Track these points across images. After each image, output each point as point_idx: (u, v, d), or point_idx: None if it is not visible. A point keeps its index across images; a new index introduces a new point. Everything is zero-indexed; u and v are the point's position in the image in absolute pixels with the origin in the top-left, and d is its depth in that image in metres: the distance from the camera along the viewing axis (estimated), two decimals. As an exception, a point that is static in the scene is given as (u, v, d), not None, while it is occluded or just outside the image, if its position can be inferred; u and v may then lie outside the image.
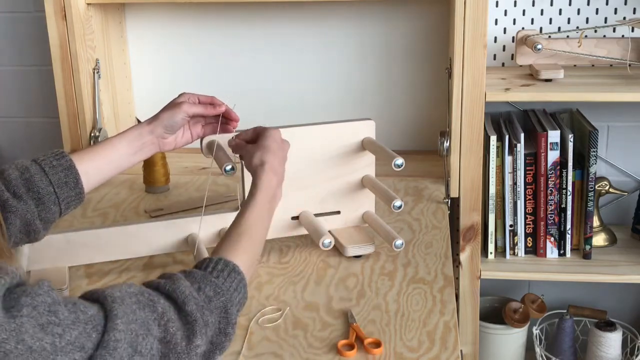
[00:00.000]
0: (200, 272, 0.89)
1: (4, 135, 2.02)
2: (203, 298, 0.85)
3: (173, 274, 0.87)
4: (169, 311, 0.81)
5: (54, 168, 1.08)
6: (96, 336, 0.73)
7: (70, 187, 1.09)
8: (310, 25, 1.83)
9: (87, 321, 0.73)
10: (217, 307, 0.86)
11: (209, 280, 0.88)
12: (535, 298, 1.87)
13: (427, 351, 1.04)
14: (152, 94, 1.92)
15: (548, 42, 1.67)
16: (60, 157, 1.10)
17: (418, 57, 1.82)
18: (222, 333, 0.86)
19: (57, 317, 0.70)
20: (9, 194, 1.04)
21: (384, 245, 1.33)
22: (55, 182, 1.08)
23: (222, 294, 0.87)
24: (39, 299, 0.70)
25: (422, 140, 1.87)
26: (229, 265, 0.91)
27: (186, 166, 1.80)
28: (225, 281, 0.89)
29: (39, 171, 1.07)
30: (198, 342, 0.81)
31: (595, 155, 1.63)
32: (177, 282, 0.85)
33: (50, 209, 1.08)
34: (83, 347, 0.71)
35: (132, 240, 1.27)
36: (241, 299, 0.91)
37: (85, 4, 1.66)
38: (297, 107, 1.89)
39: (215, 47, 1.87)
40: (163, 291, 0.84)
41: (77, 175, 1.10)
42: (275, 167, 1.11)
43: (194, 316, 0.82)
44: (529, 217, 1.69)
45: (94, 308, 0.75)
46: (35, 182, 1.06)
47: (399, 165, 1.23)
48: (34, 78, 1.96)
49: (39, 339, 0.68)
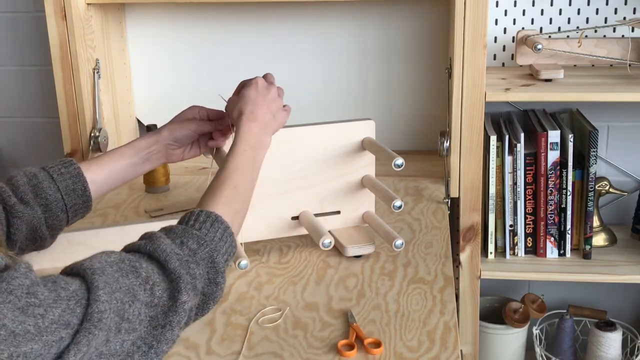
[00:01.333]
0: (181, 227, 0.89)
1: (4, 135, 2.02)
2: (187, 252, 0.85)
3: (153, 233, 0.87)
4: (152, 274, 0.81)
5: (62, 175, 1.09)
6: (80, 310, 0.72)
7: (78, 195, 1.10)
8: (311, 25, 1.83)
9: (70, 297, 0.72)
10: (203, 258, 0.86)
11: (191, 233, 0.88)
12: (535, 298, 1.87)
13: (427, 351, 1.04)
14: (152, 94, 1.92)
15: (548, 42, 1.67)
16: (69, 165, 1.10)
17: (418, 57, 1.82)
18: (212, 283, 0.87)
19: (37, 298, 0.70)
20: (16, 199, 1.04)
21: (384, 245, 1.33)
22: (63, 189, 1.08)
23: (206, 244, 0.87)
24: (15, 282, 0.69)
25: (422, 140, 1.87)
26: (211, 215, 0.91)
27: (186, 166, 1.80)
28: (209, 232, 0.89)
29: (47, 178, 1.08)
30: (184, 298, 0.81)
31: (595, 155, 1.63)
32: (157, 241, 0.84)
33: (58, 215, 1.09)
34: (68, 323, 0.71)
35: (132, 240, 1.26)
36: (228, 247, 0.91)
37: (85, 4, 1.66)
38: (297, 107, 1.88)
39: (215, 47, 1.87)
40: (144, 252, 0.84)
41: (85, 182, 1.10)
42: (254, 114, 1.11)
43: (177, 273, 0.82)
44: (529, 217, 1.69)
45: (75, 283, 0.75)
46: (44, 188, 1.07)
47: (399, 165, 1.23)
48: (34, 78, 1.96)
49: (21, 322, 0.68)
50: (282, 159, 1.28)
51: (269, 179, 1.28)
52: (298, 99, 1.88)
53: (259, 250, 1.35)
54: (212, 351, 1.05)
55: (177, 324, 0.80)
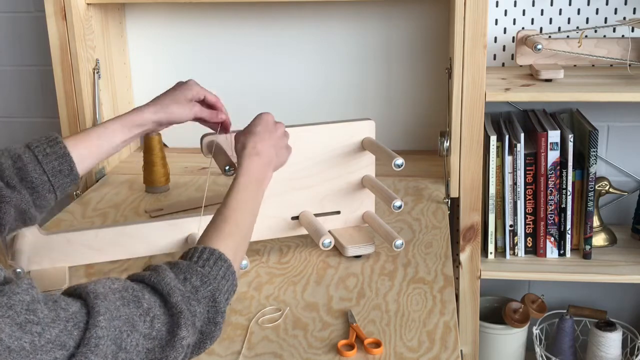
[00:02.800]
0: (186, 262, 0.88)
1: (4, 135, 2.02)
2: (189, 288, 0.84)
3: (158, 266, 0.86)
4: (154, 306, 0.80)
5: (47, 156, 1.07)
6: (78, 333, 0.72)
7: (65, 175, 1.08)
8: (311, 25, 1.83)
9: (69, 319, 0.72)
10: (205, 296, 0.85)
11: (195, 270, 0.87)
12: (535, 298, 1.87)
13: (427, 351, 1.04)
14: (152, 94, 1.90)
15: (548, 42, 1.67)
16: (54, 143, 1.08)
17: (418, 57, 1.82)
18: (211, 322, 0.86)
19: (36, 316, 0.69)
20: (2, 183, 1.03)
21: (384, 245, 1.33)
22: (49, 171, 1.06)
23: (209, 282, 0.86)
24: (16, 297, 0.69)
25: (422, 140, 1.87)
26: (215, 253, 0.90)
27: (186, 166, 1.80)
28: (212, 270, 0.88)
29: (32, 160, 1.06)
30: (183, 334, 0.80)
31: (595, 155, 1.63)
32: (162, 274, 0.84)
33: (46, 196, 1.07)
34: (64, 345, 0.70)
35: (132, 240, 1.26)
36: (230, 286, 0.90)
37: (85, 4, 1.66)
38: (297, 107, 1.89)
39: (215, 46, 1.88)
40: (148, 283, 0.83)
41: (72, 162, 1.09)
42: (258, 149, 1.10)
43: (179, 308, 0.81)
44: (529, 217, 1.69)
45: (76, 305, 0.74)
46: (29, 171, 1.05)
47: (399, 165, 1.23)
48: (34, 78, 1.96)
49: (17, 338, 0.67)
50: (282, 159, 1.27)
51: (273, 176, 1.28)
52: (298, 99, 1.89)
53: (259, 250, 1.35)
54: (212, 351, 1.05)
55: (174, 359, 0.80)
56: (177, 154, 1.88)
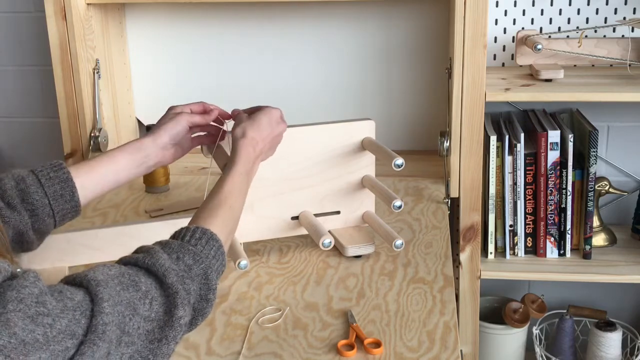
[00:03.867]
0: (178, 242, 0.89)
1: (4, 135, 2.02)
2: (183, 267, 0.86)
3: (150, 247, 0.87)
4: (151, 288, 0.81)
5: (50, 180, 1.07)
6: (85, 321, 0.73)
7: (66, 200, 1.08)
8: (310, 25, 1.83)
9: (75, 308, 0.73)
10: (198, 274, 0.87)
11: (187, 249, 0.88)
12: (535, 298, 1.87)
13: (427, 351, 1.04)
14: (152, 94, 1.92)
15: (548, 42, 1.67)
16: (58, 169, 1.09)
17: (418, 57, 1.82)
18: (203, 299, 0.87)
19: (46, 308, 0.70)
20: (3, 203, 1.03)
21: (384, 245, 1.33)
22: (51, 195, 1.07)
23: (201, 261, 0.88)
24: (25, 291, 0.70)
25: (422, 140, 1.87)
26: (207, 233, 0.92)
27: (186, 166, 1.80)
28: (204, 248, 0.90)
29: (34, 182, 1.07)
30: (180, 313, 0.81)
31: (595, 155, 1.63)
32: (155, 256, 0.85)
33: (44, 220, 1.08)
34: (74, 334, 0.71)
35: (132, 240, 1.26)
36: (219, 266, 0.92)
37: (85, 4, 1.66)
38: (297, 107, 1.89)
39: (215, 46, 1.87)
40: (142, 266, 0.84)
41: (74, 188, 1.09)
42: (256, 141, 1.12)
43: (174, 288, 0.82)
44: (529, 217, 1.69)
45: (80, 293, 0.75)
46: (31, 193, 1.06)
47: (399, 165, 1.23)
48: (34, 78, 1.96)
49: (31, 331, 0.68)
50: (282, 159, 1.27)
51: (269, 179, 1.28)
52: (298, 99, 1.89)
53: (259, 250, 1.35)
54: (212, 351, 1.05)
55: (173, 338, 0.81)
56: (177, 154, 1.87)
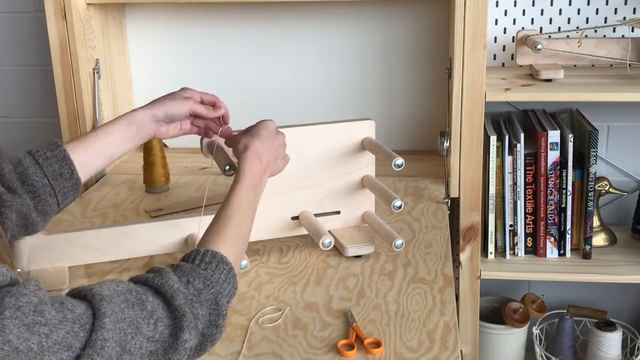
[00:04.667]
0: (188, 265, 0.88)
1: (4, 135, 2.02)
2: (192, 291, 0.85)
3: (161, 268, 0.87)
4: (158, 309, 0.80)
5: (47, 160, 1.07)
6: (84, 335, 0.72)
7: (66, 178, 1.08)
8: (310, 25, 1.83)
9: (75, 320, 0.72)
10: (207, 299, 0.86)
11: (198, 273, 0.87)
12: (535, 298, 1.87)
13: (427, 351, 1.04)
14: (152, 94, 1.90)
15: (548, 42, 1.67)
16: (54, 148, 1.08)
17: (418, 57, 1.82)
18: (212, 325, 0.86)
19: (44, 317, 0.70)
20: (3, 188, 1.03)
21: (384, 245, 1.33)
22: (50, 174, 1.06)
23: (211, 285, 0.87)
24: (23, 299, 0.69)
25: (422, 140, 1.87)
26: (217, 256, 0.91)
27: (186, 166, 1.80)
28: (214, 273, 0.89)
29: (32, 163, 1.06)
30: (186, 337, 0.81)
31: (595, 155, 1.63)
32: (165, 277, 0.84)
33: (47, 201, 1.07)
34: (71, 346, 0.71)
35: (132, 240, 1.27)
36: (230, 289, 0.91)
37: (85, 4, 1.66)
38: (297, 107, 1.89)
39: (215, 46, 1.88)
40: (152, 286, 0.83)
41: (72, 165, 1.08)
42: (260, 153, 1.10)
43: (182, 311, 0.81)
44: (529, 217, 1.69)
45: (82, 306, 0.74)
46: (29, 174, 1.05)
47: (399, 165, 1.23)
48: (34, 78, 1.96)
49: (26, 339, 0.68)
50: (282, 159, 1.27)
51: (269, 179, 1.28)
52: (298, 99, 1.89)
53: (259, 250, 1.35)
54: (212, 351, 1.05)
55: None
56: (177, 154, 1.88)
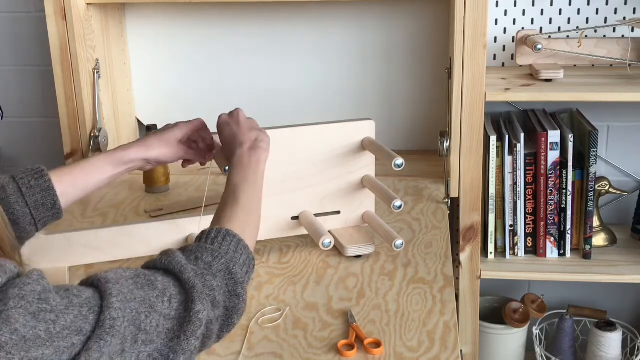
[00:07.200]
0: (195, 244, 0.91)
1: (4, 135, 2.02)
2: (202, 266, 0.87)
3: (170, 250, 0.89)
4: (169, 286, 0.81)
5: (31, 189, 1.07)
6: (93, 318, 0.73)
7: (47, 208, 1.09)
8: (310, 25, 1.83)
9: (82, 304, 0.73)
10: (219, 270, 0.87)
11: (204, 248, 0.89)
12: (535, 298, 1.87)
13: (427, 351, 1.04)
14: (152, 94, 1.92)
15: (548, 42, 1.67)
16: (39, 176, 1.09)
17: (418, 57, 1.82)
18: (233, 295, 0.88)
19: (49, 304, 0.70)
20: None
21: (384, 245, 1.33)
22: (32, 204, 1.07)
23: (221, 256, 0.89)
24: (27, 288, 0.70)
25: (422, 140, 1.87)
26: (221, 231, 0.93)
27: (186, 166, 1.80)
28: (222, 245, 0.91)
29: (15, 191, 1.06)
30: (198, 308, 0.81)
31: (595, 155, 1.63)
32: (172, 256, 0.86)
33: (25, 229, 1.08)
34: (81, 330, 0.71)
35: (132, 240, 1.27)
36: (246, 260, 0.92)
37: (85, 4, 1.66)
38: (297, 107, 1.89)
39: (215, 46, 1.87)
40: (160, 267, 0.85)
41: (55, 197, 1.09)
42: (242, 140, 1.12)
43: (191, 283, 0.82)
44: (529, 217, 1.69)
45: (89, 291, 0.75)
46: (11, 203, 1.06)
47: (399, 165, 1.23)
48: (34, 78, 1.96)
49: (32, 327, 0.68)
50: (282, 159, 1.28)
51: (269, 179, 1.27)
52: (298, 99, 1.89)
53: (259, 250, 1.35)
54: (212, 351, 1.05)
55: (192, 333, 0.80)
56: (177, 154, 1.87)
